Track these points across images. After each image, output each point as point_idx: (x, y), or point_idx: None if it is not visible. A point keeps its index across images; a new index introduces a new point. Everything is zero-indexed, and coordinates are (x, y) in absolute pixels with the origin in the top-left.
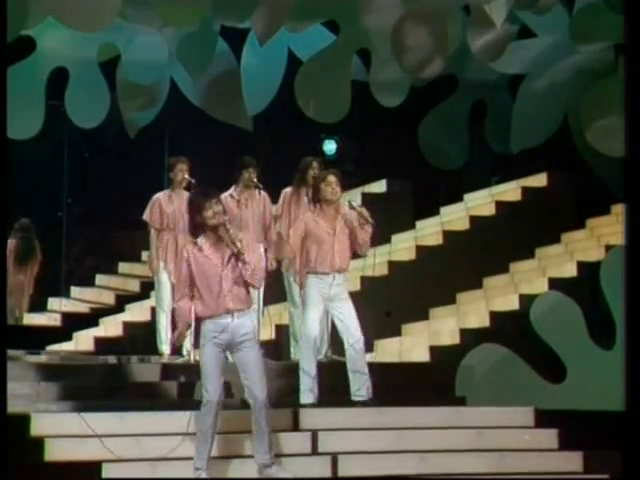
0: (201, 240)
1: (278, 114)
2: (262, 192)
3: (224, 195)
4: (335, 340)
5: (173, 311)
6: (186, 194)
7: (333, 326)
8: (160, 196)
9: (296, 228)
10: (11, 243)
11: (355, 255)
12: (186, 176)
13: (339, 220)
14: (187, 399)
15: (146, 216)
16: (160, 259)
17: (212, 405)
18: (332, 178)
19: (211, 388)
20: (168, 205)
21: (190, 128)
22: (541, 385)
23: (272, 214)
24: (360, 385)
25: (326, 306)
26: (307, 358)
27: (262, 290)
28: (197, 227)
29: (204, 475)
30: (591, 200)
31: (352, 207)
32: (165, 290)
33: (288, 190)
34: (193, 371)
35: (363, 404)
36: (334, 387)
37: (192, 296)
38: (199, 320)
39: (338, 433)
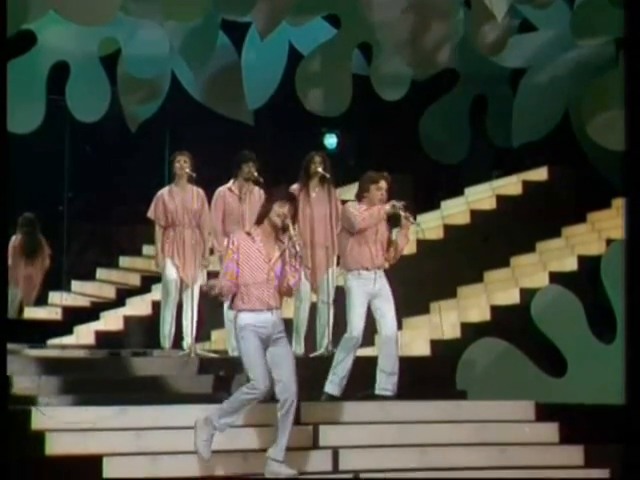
0: (254, 229)
1: (279, 108)
2: (258, 188)
3: (223, 188)
4: (336, 334)
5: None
6: (192, 188)
7: (334, 320)
8: (164, 192)
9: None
10: (16, 238)
11: None
12: (187, 169)
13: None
14: (187, 393)
15: (150, 213)
16: (167, 255)
17: (257, 394)
18: (384, 183)
19: (259, 375)
20: (171, 201)
21: (191, 122)
22: (542, 379)
23: None
24: (387, 379)
25: (369, 302)
26: (348, 356)
27: None
28: (261, 216)
29: (215, 434)
30: (592, 194)
31: (400, 210)
32: (171, 286)
33: (295, 187)
34: (193, 365)
35: (386, 399)
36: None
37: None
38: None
39: (339, 427)
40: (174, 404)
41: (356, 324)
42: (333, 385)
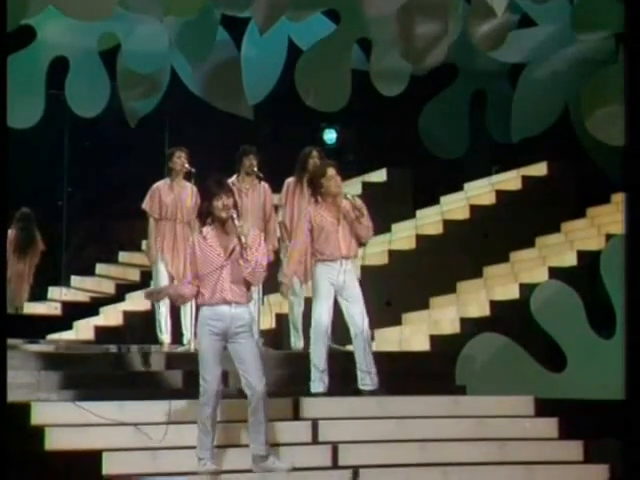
0: (206, 229)
1: (278, 103)
2: (263, 182)
3: None
4: (335, 329)
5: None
6: (186, 184)
7: (334, 315)
8: (160, 185)
9: (301, 227)
10: (11, 233)
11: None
12: (186, 165)
13: (341, 210)
14: (187, 388)
15: (145, 205)
16: (157, 248)
17: (210, 395)
18: (332, 171)
19: (209, 377)
20: (167, 195)
21: (190, 117)
22: (541, 374)
23: (272, 204)
24: (364, 375)
25: (336, 294)
26: (317, 348)
27: None
28: (205, 214)
29: (209, 464)
30: (591, 189)
31: (346, 198)
32: (163, 279)
33: (291, 180)
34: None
35: (370, 393)
36: (334, 376)
37: (197, 285)
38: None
39: (338, 422)
40: (174, 399)
41: (319, 313)
42: (315, 383)
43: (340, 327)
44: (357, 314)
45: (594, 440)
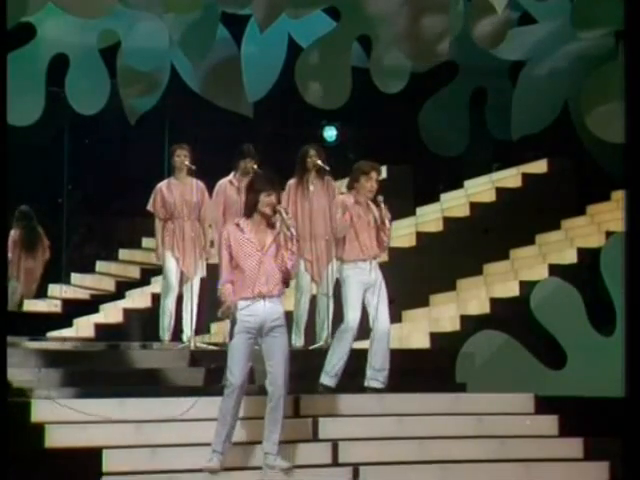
0: (243, 222)
1: (278, 100)
2: None
3: (224, 180)
4: (335, 327)
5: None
6: (191, 180)
7: (334, 313)
8: (163, 185)
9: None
10: (15, 233)
11: None
12: (186, 162)
13: (371, 211)
14: (187, 385)
15: (150, 206)
16: (167, 247)
17: (235, 389)
18: (374, 174)
19: (237, 371)
20: (169, 194)
21: (190, 114)
22: (541, 371)
23: None
24: (376, 374)
25: (364, 293)
26: (340, 350)
27: None
28: (249, 208)
29: (215, 460)
30: (591, 186)
31: (377, 204)
32: (172, 278)
33: (292, 182)
34: (192, 358)
35: (374, 391)
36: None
37: (233, 280)
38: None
39: (339, 420)
40: (173, 396)
41: (352, 315)
42: (328, 377)
43: (339, 325)
44: (384, 313)
45: (594, 437)
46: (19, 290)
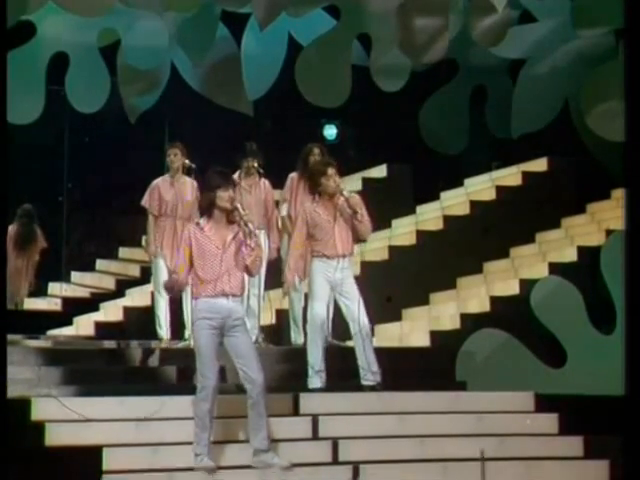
0: (203, 220)
1: (278, 99)
2: (263, 179)
3: None
4: (337, 325)
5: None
6: (186, 179)
7: (334, 311)
8: (159, 182)
9: (298, 224)
10: (12, 229)
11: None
12: (186, 161)
13: (338, 208)
14: (187, 383)
15: (144, 202)
16: (157, 245)
17: (209, 390)
18: (332, 171)
19: (208, 373)
20: (167, 191)
21: (190, 113)
22: (541, 370)
23: (273, 200)
24: (365, 372)
25: (332, 291)
26: (314, 348)
27: (263, 275)
28: (206, 206)
29: (206, 460)
30: (591, 185)
31: (342, 195)
32: (162, 275)
33: (294, 175)
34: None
35: (371, 389)
36: (334, 372)
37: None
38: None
39: (339, 418)
40: (174, 395)
41: (317, 306)
42: (313, 379)
43: (340, 323)
44: (355, 312)
45: (594, 436)
46: (8, 288)
